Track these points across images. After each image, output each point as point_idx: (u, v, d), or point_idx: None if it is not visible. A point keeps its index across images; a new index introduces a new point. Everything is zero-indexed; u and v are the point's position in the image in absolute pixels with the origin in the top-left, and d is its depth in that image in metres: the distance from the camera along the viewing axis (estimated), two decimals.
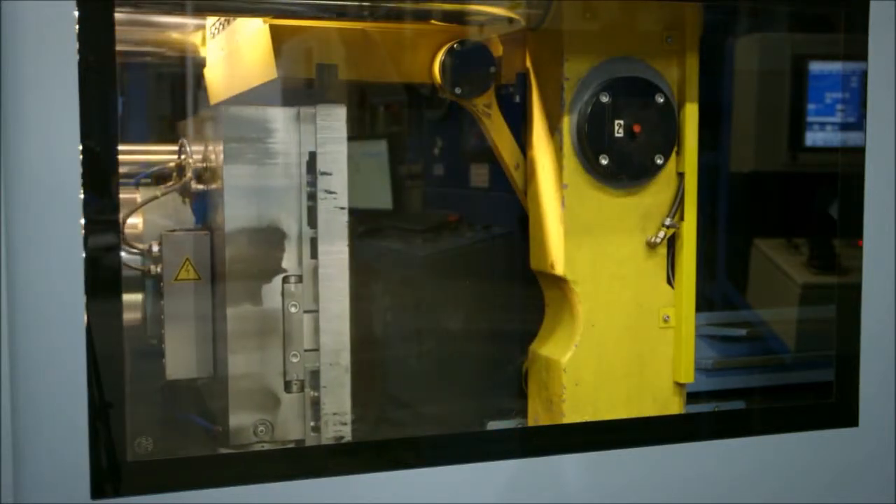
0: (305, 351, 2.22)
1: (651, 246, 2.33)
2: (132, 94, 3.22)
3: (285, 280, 2.21)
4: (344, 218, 2.22)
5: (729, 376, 2.69)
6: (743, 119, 3.03)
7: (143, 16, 2.62)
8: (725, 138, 2.97)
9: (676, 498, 2.15)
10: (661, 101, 2.28)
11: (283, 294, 2.20)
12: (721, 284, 3.05)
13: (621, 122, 2.26)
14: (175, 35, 2.90)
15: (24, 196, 1.68)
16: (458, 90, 2.30)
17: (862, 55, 2.23)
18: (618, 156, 2.26)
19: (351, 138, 2.22)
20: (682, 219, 2.35)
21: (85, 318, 1.72)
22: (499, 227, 2.90)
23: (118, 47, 1.76)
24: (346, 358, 2.23)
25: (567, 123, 2.27)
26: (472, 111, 2.35)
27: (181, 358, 2.30)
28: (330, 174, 2.21)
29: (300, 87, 2.38)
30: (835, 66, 2.90)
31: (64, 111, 1.69)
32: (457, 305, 2.84)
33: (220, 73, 2.78)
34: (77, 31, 1.69)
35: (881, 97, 2.23)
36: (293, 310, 2.21)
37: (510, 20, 2.36)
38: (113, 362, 1.76)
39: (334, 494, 1.91)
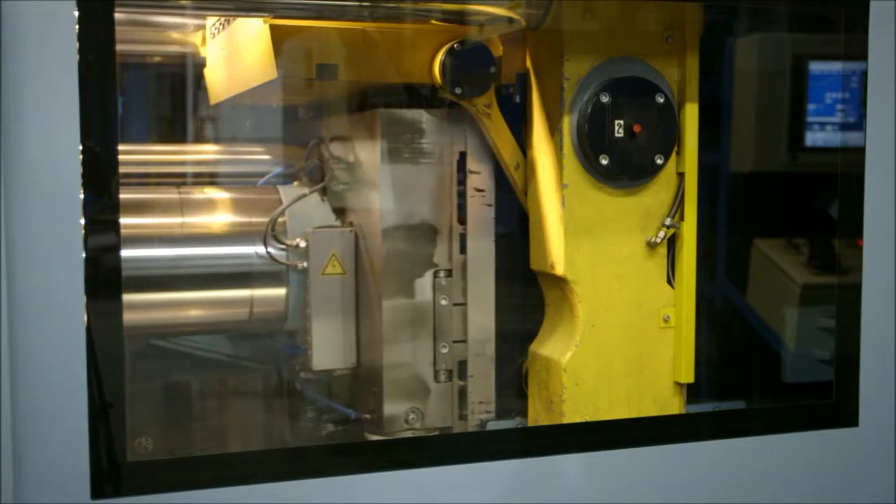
0: (454, 342, 2.36)
1: (651, 246, 2.33)
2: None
3: (436, 274, 2.34)
4: (491, 214, 2.37)
5: None
6: (743, 119, 3.03)
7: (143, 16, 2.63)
8: (725, 138, 2.96)
9: (676, 498, 2.15)
10: (662, 101, 2.29)
11: (434, 287, 2.34)
12: (721, 284, 3.04)
13: (621, 122, 2.26)
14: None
15: (24, 196, 1.68)
16: (458, 90, 2.31)
17: (862, 55, 2.23)
18: (618, 156, 2.26)
19: None
20: (682, 219, 2.35)
21: (85, 318, 1.72)
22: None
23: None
24: (491, 349, 2.38)
25: (567, 123, 2.27)
26: (472, 111, 2.35)
27: (327, 349, 2.44)
28: (478, 173, 2.36)
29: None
30: (835, 66, 2.90)
31: (64, 111, 1.69)
32: None
33: (221, 73, 2.78)
34: (77, 31, 1.69)
35: (881, 97, 2.23)
36: (444, 302, 2.35)
37: (510, 20, 2.36)
38: (113, 362, 1.76)
39: (334, 494, 1.91)
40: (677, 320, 2.36)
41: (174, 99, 3.28)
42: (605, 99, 2.25)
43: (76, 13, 1.70)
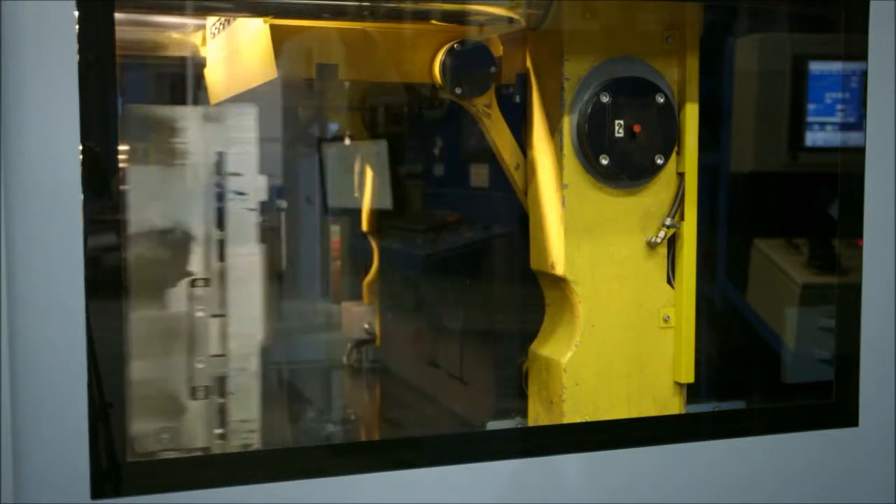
0: (212, 356, 2.16)
1: (651, 246, 2.33)
2: None
3: (192, 283, 2.15)
4: (254, 219, 2.18)
5: None
6: (743, 119, 3.03)
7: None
8: (725, 138, 2.97)
9: (676, 498, 2.15)
10: (662, 101, 2.28)
11: (189, 298, 2.15)
12: (721, 284, 3.05)
13: (621, 122, 2.26)
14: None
15: (24, 196, 1.68)
16: (458, 90, 2.30)
17: (862, 55, 2.23)
18: (618, 156, 2.26)
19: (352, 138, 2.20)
20: (682, 219, 2.35)
21: (85, 318, 1.72)
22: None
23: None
24: (255, 363, 2.18)
25: (567, 123, 2.27)
26: (473, 111, 2.35)
27: None
28: (240, 175, 2.16)
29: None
30: (835, 66, 2.90)
31: (64, 111, 1.69)
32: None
33: (220, 74, 2.78)
34: (77, 31, 1.69)
35: (881, 97, 2.23)
36: (200, 314, 2.15)
37: (510, 20, 2.36)
38: (113, 362, 1.76)
39: (334, 494, 1.91)
40: (677, 320, 2.36)
41: (174, 100, 3.28)
42: (605, 99, 2.24)
43: (76, 13, 1.70)
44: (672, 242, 2.36)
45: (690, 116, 2.33)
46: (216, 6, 2.51)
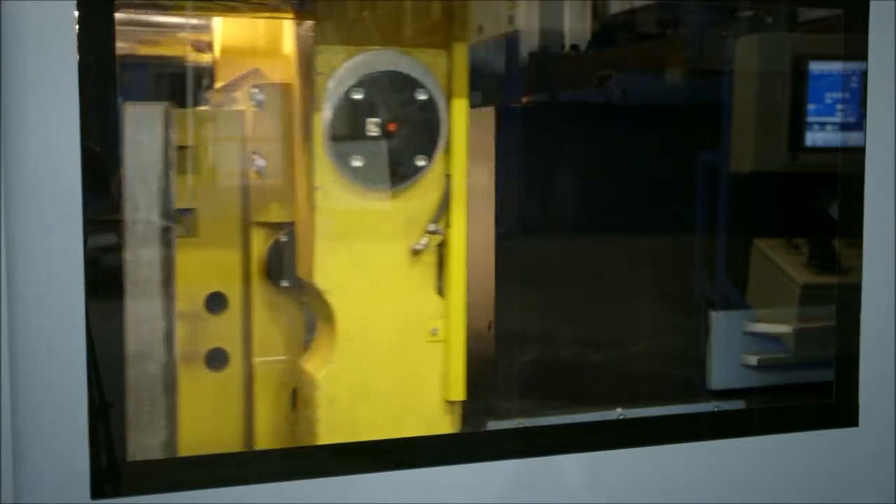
0: None
1: (415, 253, 2.17)
2: None
3: None
4: None
5: (776, 373, 2.68)
6: (743, 119, 3.03)
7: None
8: (725, 138, 2.96)
9: (676, 498, 2.15)
10: (423, 97, 2.11)
11: None
12: (721, 284, 3.04)
13: (376, 120, 2.09)
14: None
15: (24, 196, 1.68)
16: None
17: (862, 55, 2.23)
18: (372, 157, 2.10)
19: None
20: (449, 224, 2.19)
21: (85, 318, 1.72)
22: None
23: None
24: None
25: (318, 122, 2.09)
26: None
27: None
28: None
29: None
30: (835, 66, 2.90)
31: (64, 111, 1.69)
32: None
33: None
34: (77, 31, 1.69)
35: (881, 97, 2.23)
36: None
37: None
38: (113, 362, 1.76)
39: (334, 494, 1.91)
40: (446, 333, 2.19)
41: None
42: (357, 95, 2.07)
43: (76, 13, 1.70)
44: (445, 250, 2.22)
45: (458, 114, 2.16)
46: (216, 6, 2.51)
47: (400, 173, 2.14)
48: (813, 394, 2.50)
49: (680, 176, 2.78)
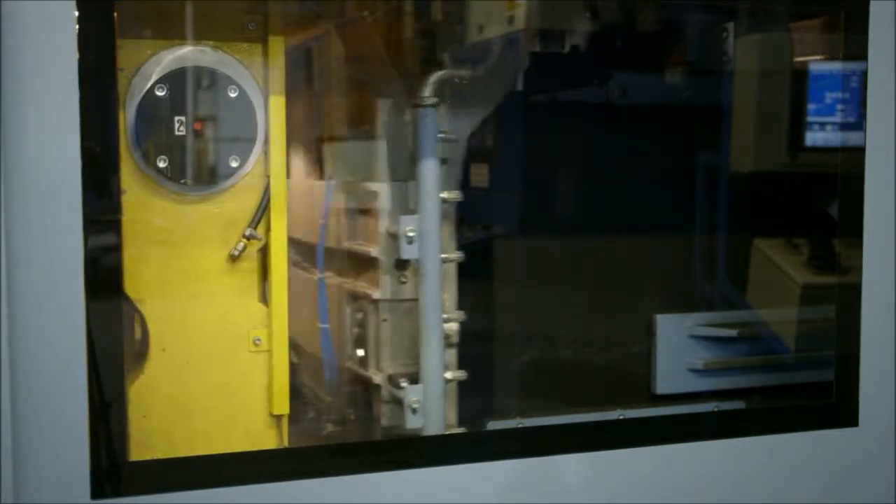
0: None
1: (233, 259, 2.08)
2: None
3: None
4: None
5: (721, 377, 2.67)
6: (743, 119, 3.03)
7: None
8: (725, 138, 2.96)
9: (676, 498, 2.15)
10: (235, 95, 2.03)
11: None
12: (720, 284, 3.04)
13: (182, 118, 2.01)
14: None
15: (24, 196, 1.68)
16: None
17: (862, 55, 2.23)
18: (179, 157, 2.01)
19: None
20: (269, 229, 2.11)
21: (85, 318, 1.72)
22: None
23: None
24: None
25: (123, 120, 1.99)
26: None
27: None
28: None
29: None
30: (835, 66, 2.90)
31: (64, 111, 1.69)
32: None
33: None
34: (77, 31, 1.69)
35: (881, 97, 2.23)
36: None
37: None
38: (113, 362, 1.76)
39: (334, 494, 1.91)
40: (269, 343, 2.10)
41: None
42: (161, 92, 1.98)
43: (76, 13, 1.70)
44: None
45: (276, 113, 2.07)
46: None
47: (210, 175, 2.06)
48: (761, 397, 2.51)
49: (680, 176, 2.78)
